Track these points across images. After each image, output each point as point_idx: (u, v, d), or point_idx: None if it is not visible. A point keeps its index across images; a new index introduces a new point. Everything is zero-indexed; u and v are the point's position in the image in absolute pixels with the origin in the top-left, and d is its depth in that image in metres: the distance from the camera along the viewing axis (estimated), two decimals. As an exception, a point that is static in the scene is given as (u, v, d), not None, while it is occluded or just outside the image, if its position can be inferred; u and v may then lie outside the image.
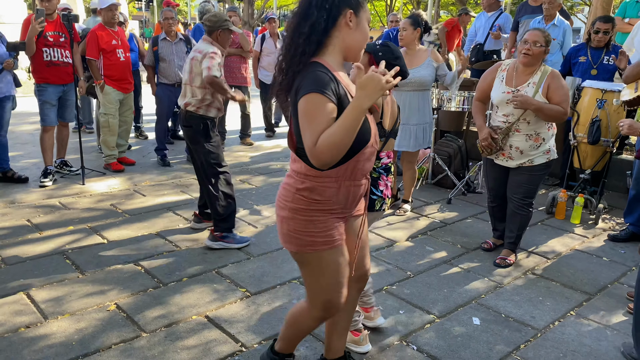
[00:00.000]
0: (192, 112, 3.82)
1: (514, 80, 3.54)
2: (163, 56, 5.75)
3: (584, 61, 4.94)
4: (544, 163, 3.57)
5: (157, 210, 4.60)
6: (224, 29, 3.86)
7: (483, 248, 3.98)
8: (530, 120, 3.50)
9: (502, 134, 3.56)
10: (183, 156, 6.38)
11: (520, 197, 3.66)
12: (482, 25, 7.09)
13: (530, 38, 3.44)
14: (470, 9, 8.55)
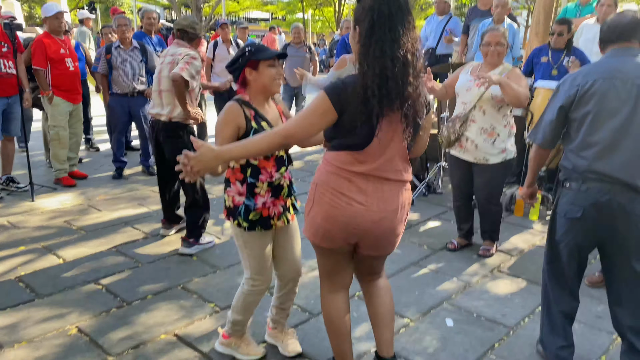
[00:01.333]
0: (178, 122, 3.71)
1: (478, 72, 3.61)
2: (116, 64, 5.53)
3: (545, 62, 5.08)
4: (500, 163, 3.64)
5: (115, 225, 4.41)
6: (200, 37, 3.83)
7: (448, 248, 4.03)
8: (486, 110, 3.59)
9: (461, 121, 3.66)
10: (138, 168, 6.17)
11: (485, 198, 3.82)
12: (433, 29, 7.23)
13: (492, 40, 3.55)
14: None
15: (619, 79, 2.23)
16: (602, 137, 2.25)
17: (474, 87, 3.62)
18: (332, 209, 2.01)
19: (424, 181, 5.38)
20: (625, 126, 2.22)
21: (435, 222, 4.65)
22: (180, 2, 27.81)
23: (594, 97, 2.26)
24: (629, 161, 2.22)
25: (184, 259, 3.79)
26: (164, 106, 3.74)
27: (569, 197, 2.38)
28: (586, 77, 2.31)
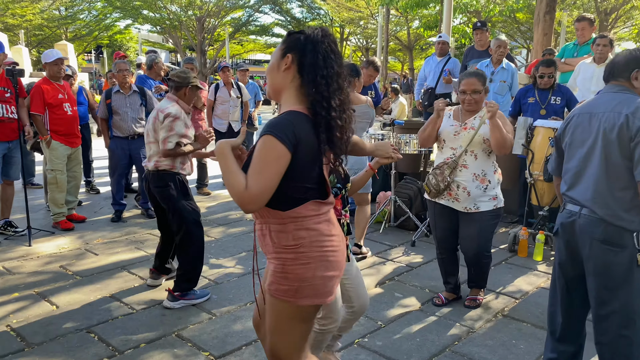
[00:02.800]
0: (166, 170, 3.66)
1: (460, 117, 3.55)
2: (116, 109, 5.58)
3: (532, 102, 5.13)
4: (491, 211, 3.47)
5: (111, 270, 4.34)
6: (193, 86, 3.77)
7: (434, 303, 3.75)
8: (477, 154, 3.44)
9: (450, 168, 3.46)
10: (137, 210, 6.14)
11: (475, 250, 3.56)
12: (432, 69, 7.30)
13: (467, 88, 3.42)
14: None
15: (590, 113, 2.44)
16: (572, 165, 2.52)
17: (462, 130, 3.48)
18: (331, 254, 1.87)
19: (426, 221, 5.31)
20: (588, 156, 2.42)
21: (437, 264, 4.55)
22: (185, 46, 28.53)
23: (570, 130, 2.54)
24: (587, 187, 2.41)
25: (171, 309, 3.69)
26: (152, 157, 3.72)
27: (557, 216, 2.63)
28: (572, 112, 2.60)
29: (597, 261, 2.38)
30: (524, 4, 13.47)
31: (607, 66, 2.50)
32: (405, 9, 12.47)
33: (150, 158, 3.72)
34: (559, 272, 2.61)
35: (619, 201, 2.32)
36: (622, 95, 2.37)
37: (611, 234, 2.34)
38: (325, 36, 1.85)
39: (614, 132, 2.30)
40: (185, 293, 3.70)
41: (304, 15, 29.25)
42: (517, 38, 23.41)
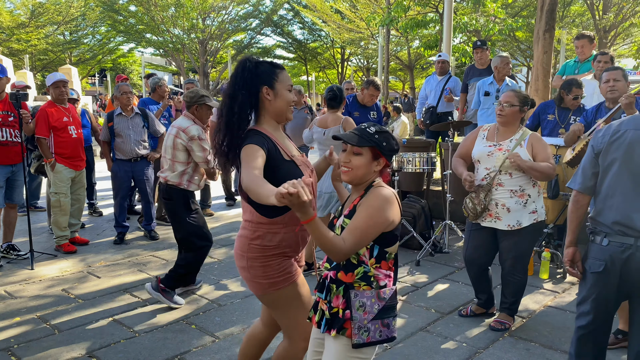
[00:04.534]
0: (173, 186, 3.92)
1: (495, 137, 3.57)
2: (119, 131, 5.59)
3: (552, 119, 5.08)
4: (531, 225, 3.46)
5: (113, 293, 4.31)
6: (201, 104, 4.00)
7: (460, 314, 3.81)
8: (511, 172, 3.45)
9: (485, 191, 3.49)
10: (140, 232, 6.12)
11: (510, 264, 3.55)
12: (433, 88, 7.34)
13: (503, 99, 3.52)
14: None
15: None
16: (628, 188, 2.24)
17: (496, 151, 3.49)
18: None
19: (430, 240, 5.27)
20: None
21: (443, 284, 4.51)
22: (188, 68, 28.80)
23: (622, 147, 2.27)
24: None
25: (182, 328, 3.66)
26: (164, 171, 4.01)
27: (593, 250, 2.37)
28: (620, 126, 2.33)
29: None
30: (523, 22, 13.56)
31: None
32: (406, 29, 12.56)
33: (163, 171, 4.00)
34: (602, 312, 2.37)
35: None
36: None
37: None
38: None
39: None
40: (167, 291, 3.95)
41: (305, 37, 29.58)
42: (517, 56, 23.58)
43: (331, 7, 23.13)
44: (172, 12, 24.00)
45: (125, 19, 24.83)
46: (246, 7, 26.00)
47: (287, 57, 31.53)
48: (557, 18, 17.71)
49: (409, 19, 12.48)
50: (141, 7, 23.42)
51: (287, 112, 2.28)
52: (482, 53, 6.84)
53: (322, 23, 24.56)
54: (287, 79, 2.27)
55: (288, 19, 28.44)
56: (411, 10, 12.68)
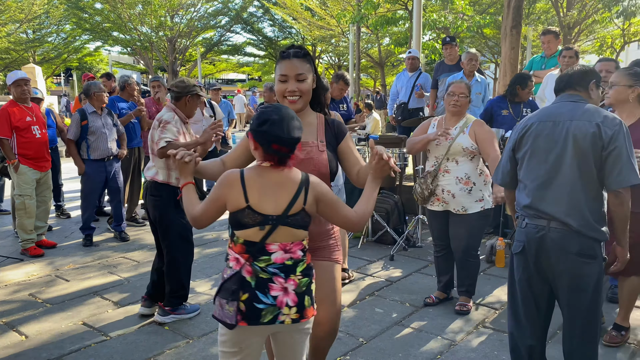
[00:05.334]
0: (162, 183, 3.64)
1: (443, 126, 3.73)
2: (94, 130, 5.43)
3: (507, 114, 5.20)
4: (478, 212, 3.65)
5: (83, 297, 4.20)
6: (193, 94, 3.76)
7: (427, 303, 3.93)
8: (458, 160, 3.65)
9: (432, 176, 3.71)
10: (109, 234, 5.99)
11: (463, 250, 3.74)
12: (404, 85, 7.39)
13: (456, 90, 3.68)
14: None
15: (553, 121, 2.40)
16: (537, 176, 2.42)
17: (443, 140, 3.66)
18: None
19: (403, 235, 5.31)
20: (556, 165, 2.36)
21: (416, 278, 4.55)
22: (157, 67, 28.34)
23: (530, 138, 2.45)
24: (560, 198, 2.34)
25: (155, 329, 3.59)
26: (150, 168, 3.73)
27: (517, 233, 2.53)
28: (527, 120, 2.52)
29: (571, 274, 2.34)
30: (491, 19, 13.79)
31: (563, 77, 2.52)
32: (376, 27, 12.65)
33: (149, 169, 3.74)
34: (527, 291, 2.49)
35: (592, 211, 2.31)
36: (584, 104, 2.39)
37: (585, 246, 2.32)
38: None
39: (586, 141, 2.28)
40: (176, 307, 3.70)
41: (275, 34, 29.41)
42: (485, 53, 23.93)
43: (301, 4, 23.08)
44: (139, 9, 23.53)
45: (91, 16, 24.23)
46: (215, 4, 25.70)
47: (257, 55, 31.31)
48: (524, 15, 18.07)
49: (379, 16, 12.56)
50: (107, 4, 22.90)
51: (281, 101, 2.26)
52: (451, 49, 6.91)
53: (293, 20, 24.49)
54: (280, 68, 2.26)
55: (258, 16, 28.22)
56: (381, 8, 12.75)
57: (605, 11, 16.12)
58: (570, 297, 2.39)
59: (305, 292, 1.95)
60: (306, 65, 2.25)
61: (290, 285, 1.91)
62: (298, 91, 2.23)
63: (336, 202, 2.01)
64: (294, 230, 1.93)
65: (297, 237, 1.95)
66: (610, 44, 19.28)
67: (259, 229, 1.89)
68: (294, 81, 2.22)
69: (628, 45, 19.79)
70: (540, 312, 2.52)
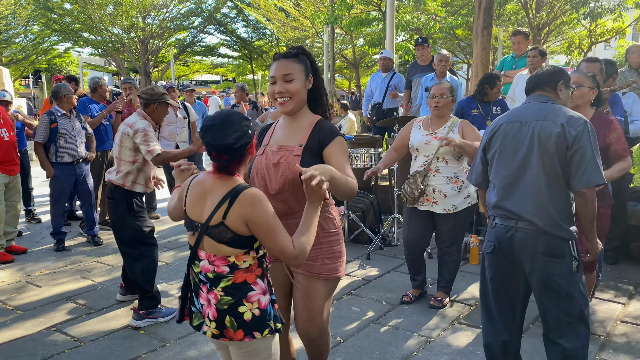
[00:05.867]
0: (117, 186, 3.69)
1: (430, 127, 3.79)
2: (64, 133, 5.33)
3: (477, 114, 5.29)
4: (466, 208, 3.75)
5: (55, 302, 4.12)
6: (161, 102, 3.79)
7: (403, 301, 3.97)
8: (448, 159, 3.69)
9: (422, 176, 3.71)
10: (82, 238, 5.88)
11: (448, 245, 3.83)
12: (378, 85, 7.44)
13: (437, 92, 3.74)
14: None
15: (520, 121, 2.43)
16: (504, 175, 2.45)
17: (433, 139, 3.71)
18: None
19: (379, 234, 5.35)
20: (523, 165, 2.39)
21: (393, 276, 4.59)
22: (129, 68, 27.92)
23: (498, 139, 2.49)
24: (526, 198, 2.37)
25: (131, 333, 3.54)
26: (112, 171, 3.79)
27: (487, 233, 2.56)
28: (497, 121, 2.55)
29: (540, 274, 2.37)
30: (462, 21, 13.99)
31: (532, 77, 2.55)
32: (350, 28, 12.69)
33: (110, 172, 3.79)
34: (499, 289, 2.52)
35: (558, 211, 2.33)
36: (551, 105, 2.42)
37: (552, 245, 2.34)
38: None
39: (550, 141, 2.31)
40: (151, 311, 3.67)
41: (249, 35, 29.27)
42: (457, 54, 24.23)
43: (275, 5, 23.02)
44: (110, 10, 23.14)
45: (60, 17, 23.71)
46: (188, 5, 25.44)
47: (231, 56, 31.12)
48: (494, 16, 18.37)
49: (353, 17, 12.60)
50: (77, 5, 22.46)
51: (273, 104, 2.26)
52: (423, 50, 6.99)
53: (267, 21, 24.42)
54: (270, 70, 2.24)
55: (232, 17, 28.03)
56: (355, 9, 12.81)
57: (573, 12, 16.50)
58: (542, 296, 2.42)
59: (227, 312, 1.82)
60: (296, 65, 2.19)
61: (211, 298, 1.84)
62: (287, 92, 2.17)
63: (272, 229, 1.79)
64: (214, 243, 1.83)
65: (220, 252, 1.83)
66: (578, 44, 19.73)
67: (191, 233, 1.91)
68: (282, 82, 2.18)
69: (595, 46, 20.27)
70: (515, 309, 2.55)
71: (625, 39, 21.79)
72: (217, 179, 1.87)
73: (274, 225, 1.79)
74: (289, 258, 1.81)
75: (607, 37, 18.99)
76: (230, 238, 1.80)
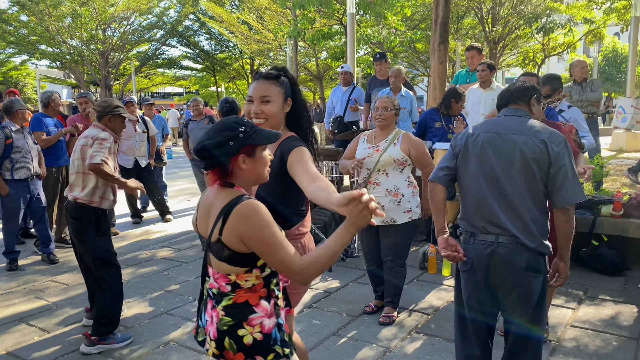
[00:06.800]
0: (83, 204, 3.52)
1: (373, 140, 3.86)
2: (19, 149, 5.20)
3: (439, 126, 5.42)
4: (406, 223, 3.77)
5: (6, 324, 3.99)
6: (114, 114, 3.67)
7: (365, 312, 4.02)
8: (388, 172, 3.76)
9: (362, 186, 3.77)
10: (36, 257, 5.72)
11: (391, 259, 3.85)
12: (339, 99, 7.55)
13: (380, 105, 3.82)
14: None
15: (499, 133, 2.40)
16: (482, 187, 2.39)
17: (374, 152, 3.79)
18: None
19: (340, 246, 5.38)
20: (503, 179, 2.35)
21: (354, 287, 4.63)
22: (89, 81, 27.37)
23: (476, 149, 2.42)
24: (507, 212, 2.34)
25: (88, 356, 3.46)
26: (73, 188, 3.61)
27: (464, 250, 2.48)
28: (474, 130, 2.50)
29: (521, 289, 2.35)
30: (422, 35, 14.32)
31: (505, 92, 2.57)
32: (313, 41, 12.82)
33: (72, 188, 3.60)
34: (476, 309, 2.48)
35: (538, 225, 2.34)
36: (530, 120, 2.44)
37: (531, 260, 2.34)
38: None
39: (533, 157, 2.29)
40: (104, 337, 3.53)
41: (212, 47, 29.16)
42: (418, 67, 24.75)
43: (238, 18, 23.04)
44: (68, 22, 22.68)
45: (16, 29, 23.11)
46: (149, 17, 25.19)
47: (194, 68, 30.89)
48: (452, 30, 18.87)
49: (316, 31, 12.75)
50: (33, 17, 21.93)
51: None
52: (381, 65, 7.14)
53: (230, 34, 24.36)
54: (249, 89, 2.25)
55: (194, 29, 27.89)
56: (317, 23, 12.97)
57: (527, 27, 17.14)
58: (519, 312, 2.41)
59: (226, 333, 1.74)
60: (275, 88, 2.20)
61: (214, 315, 1.79)
62: (262, 113, 2.17)
63: (270, 243, 1.67)
64: (216, 260, 1.77)
65: (222, 269, 1.77)
66: (532, 57, 20.46)
67: (202, 247, 1.87)
68: (259, 103, 2.18)
69: (548, 59, 21.07)
70: (490, 327, 2.56)
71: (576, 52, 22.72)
72: (219, 192, 1.78)
73: (272, 238, 1.67)
74: (293, 274, 1.67)
75: (559, 51, 19.78)
76: (228, 255, 1.72)
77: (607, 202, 5.01)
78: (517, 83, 2.62)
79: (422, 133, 5.63)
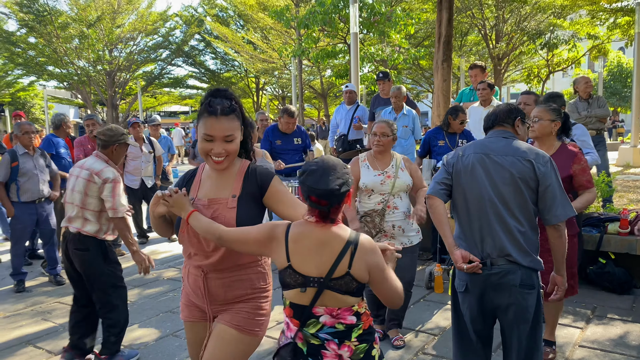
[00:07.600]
0: (88, 236, 3.47)
1: (378, 166, 3.80)
2: (25, 171, 5.26)
3: (443, 145, 5.45)
4: (418, 243, 3.81)
5: (14, 347, 3.99)
6: (121, 143, 3.63)
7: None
8: (402, 195, 3.75)
9: (380, 215, 3.68)
10: (44, 278, 5.74)
11: (407, 281, 3.76)
12: (343, 117, 7.59)
13: (378, 131, 3.75)
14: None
15: (488, 154, 2.49)
16: (473, 208, 2.47)
17: (386, 179, 3.72)
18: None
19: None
20: (493, 197, 2.43)
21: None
22: (96, 101, 27.65)
23: (467, 168, 2.50)
24: (504, 233, 2.41)
25: (92, 378, 3.46)
26: (74, 220, 3.52)
27: (458, 272, 2.54)
28: (465, 150, 2.58)
29: (517, 307, 2.40)
30: (426, 52, 14.45)
31: (490, 115, 2.67)
32: (317, 60, 12.95)
33: (72, 220, 3.51)
34: (475, 328, 2.54)
35: (529, 243, 2.41)
36: (516, 141, 2.52)
37: (525, 277, 2.40)
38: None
39: (521, 177, 2.39)
40: (113, 355, 3.55)
41: (218, 66, 29.46)
42: (422, 83, 24.88)
43: (243, 38, 23.32)
44: (76, 43, 23.04)
45: (24, 51, 23.47)
46: (155, 37, 25.54)
47: (200, 87, 31.20)
48: (456, 47, 19.01)
49: (320, 50, 12.87)
50: (41, 38, 22.29)
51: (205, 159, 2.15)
52: (384, 84, 7.20)
53: (235, 53, 24.64)
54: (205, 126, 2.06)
55: (200, 49, 28.24)
56: (321, 42, 13.11)
57: (531, 43, 17.24)
58: (516, 330, 2.45)
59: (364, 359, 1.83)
60: (235, 122, 2.02)
61: (344, 352, 1.80)
62: (225, 152, 2.01)
63: (388, 272, 1.87)
64: (338, 295, 1.79)
65: (345, 303, 1.81)
66: (537, 73, 20.54)
67: (300, 290, 1.81)
68: (221, 142, 2.00)
69: (553, 75, 21.14)
70: (486, 344, 2.60)
71: (580, 67, 22.81)
72: (327, 229, 1.82)
73: (385, 266, 1.86)
74: (400, 298, 1.90)
75: (564, 67, 19.84)
76: (356, 287, 1.81)
77: (614, 219, 4.99)
78: (501, 105, 2.69)
79: (426, 151, 5.65)
